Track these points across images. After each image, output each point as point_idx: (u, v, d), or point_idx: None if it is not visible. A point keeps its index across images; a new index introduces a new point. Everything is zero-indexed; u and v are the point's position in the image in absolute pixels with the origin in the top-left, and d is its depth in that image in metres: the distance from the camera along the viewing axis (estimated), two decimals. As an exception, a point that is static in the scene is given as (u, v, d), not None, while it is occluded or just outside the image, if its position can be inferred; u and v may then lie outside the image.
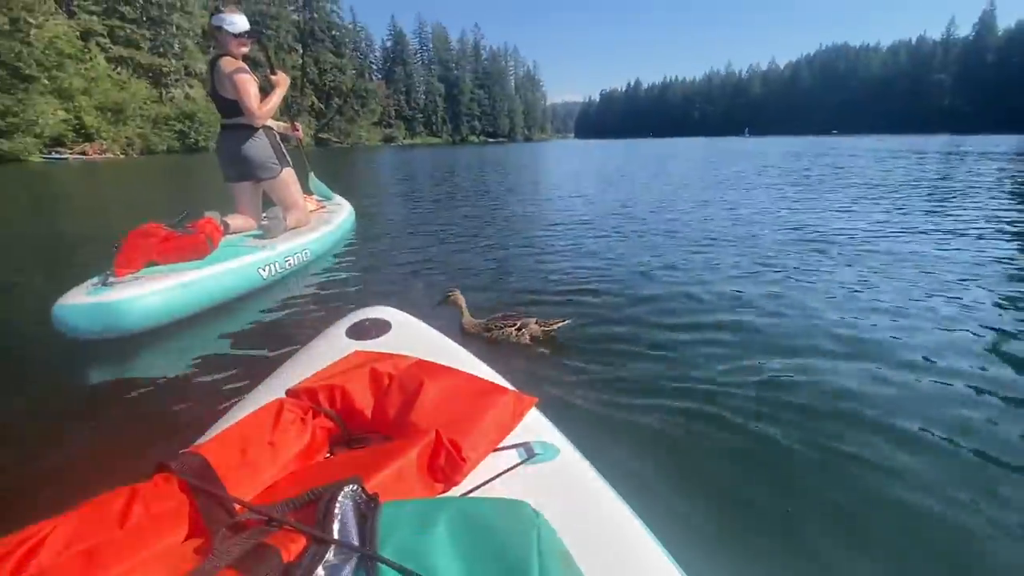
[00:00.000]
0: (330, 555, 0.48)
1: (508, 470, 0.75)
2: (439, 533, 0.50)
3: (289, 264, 3.00)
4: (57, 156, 27.94)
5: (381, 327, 1.25)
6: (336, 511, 0.52)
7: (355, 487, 0.56)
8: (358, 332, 1.23)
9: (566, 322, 2.08)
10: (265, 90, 3.23)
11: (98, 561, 0.51)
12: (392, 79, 78.07)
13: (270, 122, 3.36)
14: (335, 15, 63.37)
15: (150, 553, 0.54)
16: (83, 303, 2.00)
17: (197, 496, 0.59)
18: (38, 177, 15.02)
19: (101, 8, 36.00)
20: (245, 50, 3.18)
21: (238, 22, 3.07)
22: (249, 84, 3.06)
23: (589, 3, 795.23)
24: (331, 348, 1.16)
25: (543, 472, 0.76)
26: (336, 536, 0.50)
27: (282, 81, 3.35)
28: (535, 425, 0.88)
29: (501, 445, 0.81)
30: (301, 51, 56.90)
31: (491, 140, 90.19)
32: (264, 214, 3.33)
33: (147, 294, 2.12)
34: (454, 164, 17.03)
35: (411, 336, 1.24)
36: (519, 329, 2.03)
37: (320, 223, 3.66)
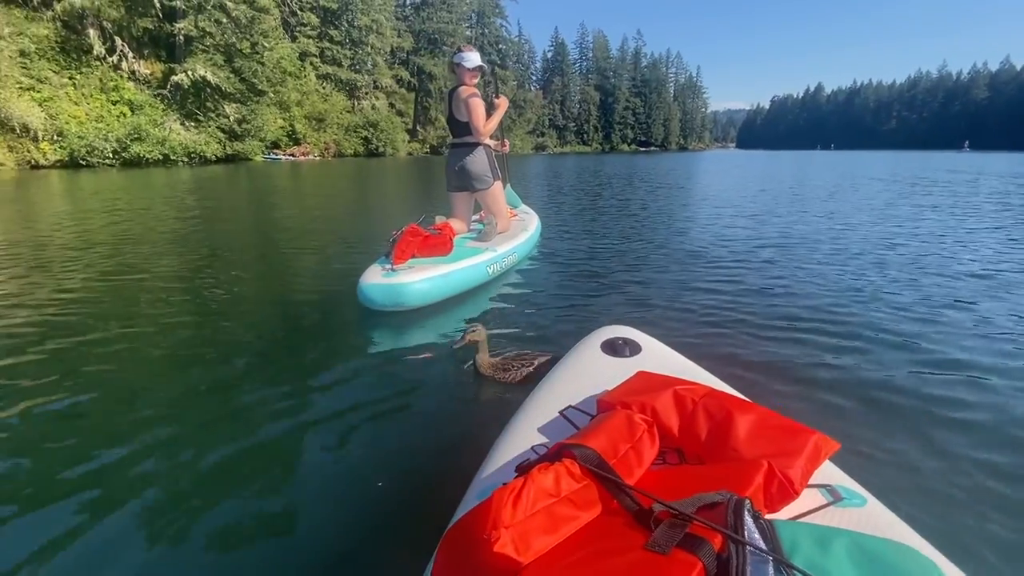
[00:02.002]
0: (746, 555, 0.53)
1: (817, 509, 0.76)
2: (840, 558, 0.53)
3: (506, 264, 3.49)
4: (274, 156, 33.94)
5: (633, 347, 1.33)
6: (744, 518, 0.57)
7: (748, 501, 0.60)
8: (612, 349, 1.33)
9: None
10: (488, 113, 3.78)
11: (556, 519, 0.65)
12: (549, 89, 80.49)
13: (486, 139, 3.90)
14: (504, 29, 67.64)
15: (584, 520, 0.67)
16: (381, 283, 2.61)
17: (602, 481, 0.71)
18: (263, 173, 18.53)
19: (316, 33, 42.85)
20: (476, 80, 3.75)
21: (472, 59, 3.65)
22: (480, 107, 3.62)
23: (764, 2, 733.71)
24: (589, 360, 1.31)
25: (853, 517, 0.75)
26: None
27: (503, 104, 3.88)
28: (829, 470, 0.88)
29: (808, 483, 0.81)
30: (470, 64, 61.96)
31: (642, 149, 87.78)
32: (474, 217, 3.87)
33: (421, 280, 2.69)
34: (608, 174, 17.13)
35: (662, 359, 1.30)
36: (536, 369, 1.93)
37: (519, 229, 4.11)
